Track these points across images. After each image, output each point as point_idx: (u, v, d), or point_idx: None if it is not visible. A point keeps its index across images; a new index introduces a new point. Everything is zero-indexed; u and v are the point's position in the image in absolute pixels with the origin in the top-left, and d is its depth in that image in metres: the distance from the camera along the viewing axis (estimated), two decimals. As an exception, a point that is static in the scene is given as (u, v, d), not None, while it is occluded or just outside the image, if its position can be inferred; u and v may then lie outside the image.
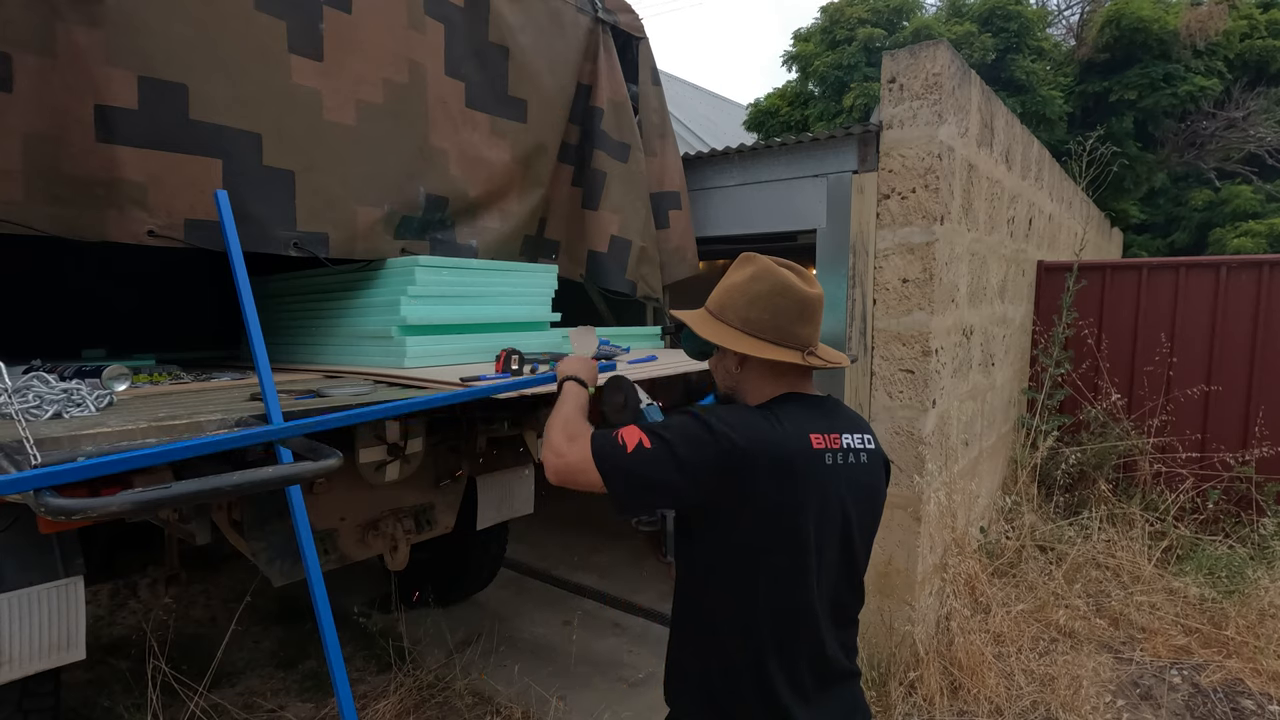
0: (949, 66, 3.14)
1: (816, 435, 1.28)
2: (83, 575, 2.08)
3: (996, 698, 3.04)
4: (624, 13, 3.68)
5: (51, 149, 1.93)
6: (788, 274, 1.34)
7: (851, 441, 1.32)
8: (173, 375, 2.56)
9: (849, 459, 1.30)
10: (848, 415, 1.39)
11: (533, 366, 2.36)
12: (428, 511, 3.06)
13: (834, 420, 1.34)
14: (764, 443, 1.22)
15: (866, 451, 1.34)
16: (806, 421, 1.29)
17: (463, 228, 2.98)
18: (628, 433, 1.26)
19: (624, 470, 1.24)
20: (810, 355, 1.32)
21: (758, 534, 1.24)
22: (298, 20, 2.30)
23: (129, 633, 3.77)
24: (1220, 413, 4.81)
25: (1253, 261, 4.79)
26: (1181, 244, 10.33)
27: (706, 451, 1.21)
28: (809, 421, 1.29)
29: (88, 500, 0.98)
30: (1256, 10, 10.13)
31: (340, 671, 1.74)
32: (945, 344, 3.45)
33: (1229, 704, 3.10)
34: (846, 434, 1.32)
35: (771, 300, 1.32)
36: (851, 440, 1.32)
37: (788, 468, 1.23)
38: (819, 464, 1.26)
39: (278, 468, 1.23)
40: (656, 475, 1.23)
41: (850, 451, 1.31)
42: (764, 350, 1.30)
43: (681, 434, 1.24)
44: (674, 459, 1.22)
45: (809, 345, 1.32)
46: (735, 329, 1.34)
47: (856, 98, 9.55)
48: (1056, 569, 3.98)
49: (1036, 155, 5.23)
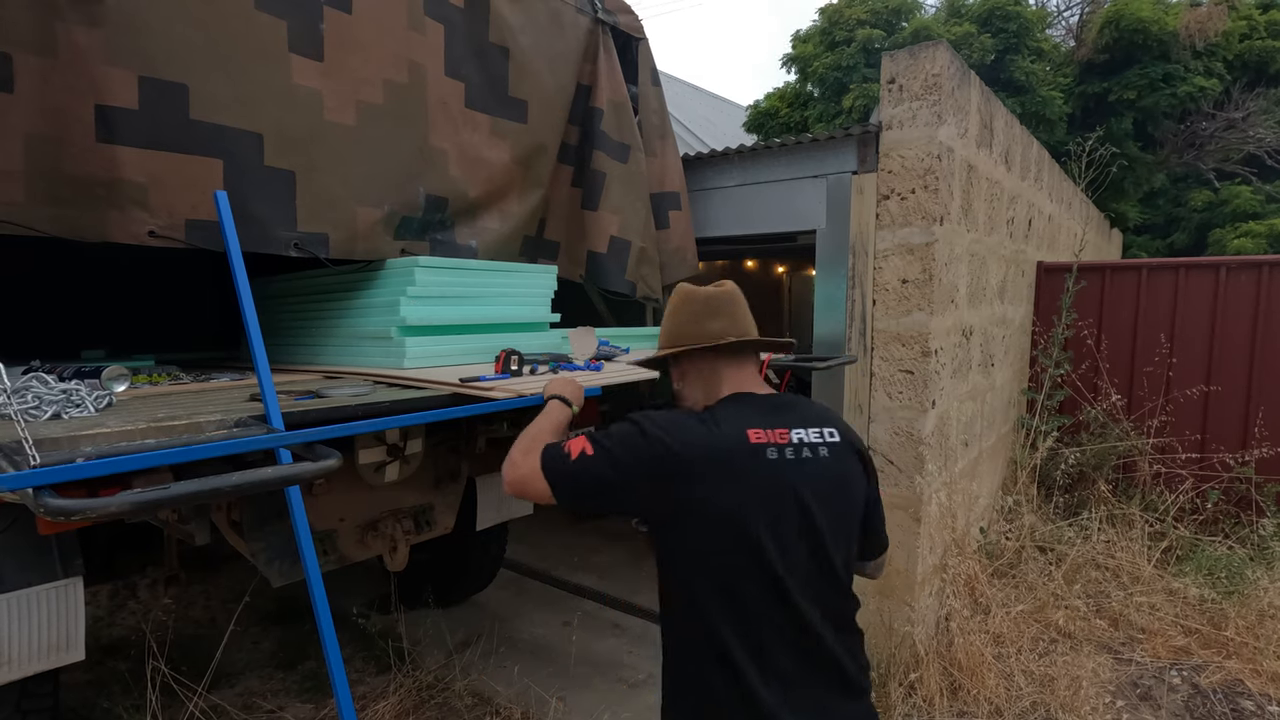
0: (948, 67, 3.15)
1: (755, 431, 1.29)
2: (82, 576, 2.07)
3: (996, 698, 3.04)
4: (624, 13, 3.68)
5: (52, 149, 1.93)
6: (692, 285, 1.49)
7: (805, 436, 1.32)
8: (172, 376, 2.56)
9: (802, 453, 1.30)
10: (804, 411, 1.39)
11: (532, 367, 2.36)
12: (427, 512, 3.06)
13: (783, 416, 1.34)
14: (696, 444, 1.26)
15: (827, 445, 1.34)
16: (744, 419, 1.31)
17: (462, 228, 2.98)
18: (575, 442, 1.33)
19: (568, 477, 1.31)
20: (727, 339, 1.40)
21: (708, 536, 1.26)
22: (298, 20, 2.30)
23: (128, 633, 3.76)
24: (1220, 413, 4.82)
25: (1252, 262, 4.79)
26: (1181, 245, 10.34)
27: (641, 455, 1.27)
28: (747, 419, 1.32)
29: (87, 501, 0.98)
30: (1256, 11, 10.14)
31: (339, 672, 1.74)
32: (945, 344, 3.45)
33: (1228, 705, 3.10)
34: (798, 429, 1.33)
35: (679, 311, 1.46)
36: (805, 435, 1.32)
37: (724, 466, 1.25)
38: (760, 459, 1.27)
39: (277, 468, 1.23)
40: (597, 481, 1.29)
41: (804, 446, 1.31)
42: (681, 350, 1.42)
43: (619, 440, 1.30)
44: (612, 465, 1.28)
45: (725, 336, 1.40)
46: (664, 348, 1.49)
47: (856, 99, 9.56)
48: (1056, 570, 3.98)
49: (1036, 156, 5.24)
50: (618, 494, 1.30)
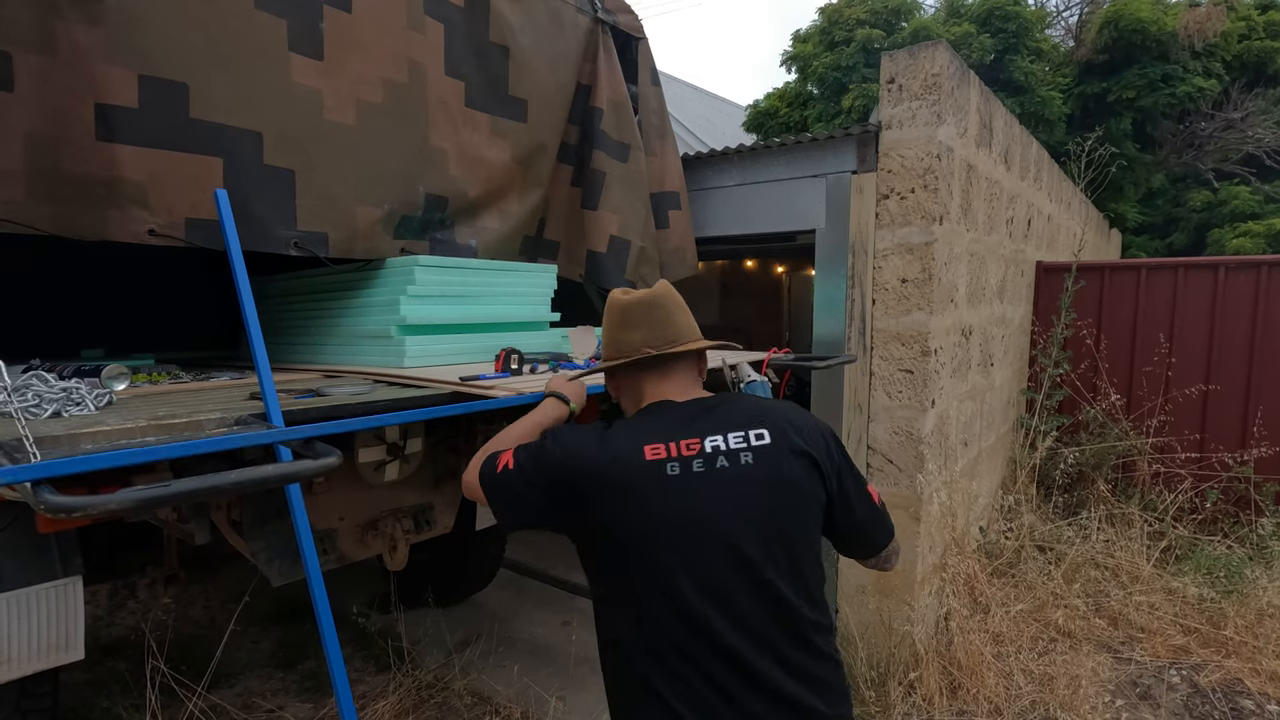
0: (948, 67, 3.15)
1: (654, 446, 1.19)
2: (81, 575, 2.07)
3: (995, 697, 3.04)
4: (623, 13, 3.68)
5: (52, 148, 1.93)
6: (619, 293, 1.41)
7: (722, 443, 1.20)
8: (172, 375, 2.56)
9: (716, 463, 1.18)
10: (728, 413, 1.26)
11: (532, 366, 2.36)
12: (427, 511, 3.06)
13: (699, 423, 1.23)
14: (585, 462, 1.20)
15: (752, 450, 1.20)
16: (644, 433, 1.22)
17: (462, 227, 2.98)
18: (509, 453, 1.31)
19: (493, 487, 1.30)
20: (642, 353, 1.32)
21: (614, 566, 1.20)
22: (298, 19, 2.30)
23: (128, 633, 3.76)
24: (1219, 413, 4.82)
25: (1251, 262, 4.80)
26: (1180, 245, 10.35)
27: (542, 472, 1.24)
28: (648, 432, 1.22)
29: (87, 498, 0.98)
30: (1254, 11, 10.16)
31: (340, 671, 1.74)
32: (944, 344, 3.46)
33: (1228, 704, 3.11)
34: (715, 435, 1.20)
35: (605, 322, 1.41)
36: (723, 441, 1.20)
37: (616, 488, 1.17)
38: (659, 478, 1.16)
39: (277, 465, 1.24)
40: (514, 494, 1.28)
41: (719, 454, 1.19)
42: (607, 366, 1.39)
43: (530, 455, 1.28)
44: (524, 479, 1.26)
45: (645, 346, 1.33)
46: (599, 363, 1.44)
47: (855, 99, 9.57)
48: (1055, 569, 3.98)
49: (1035, 156, 5.24)
50: (531, 511, 1.27)
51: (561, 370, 2.45)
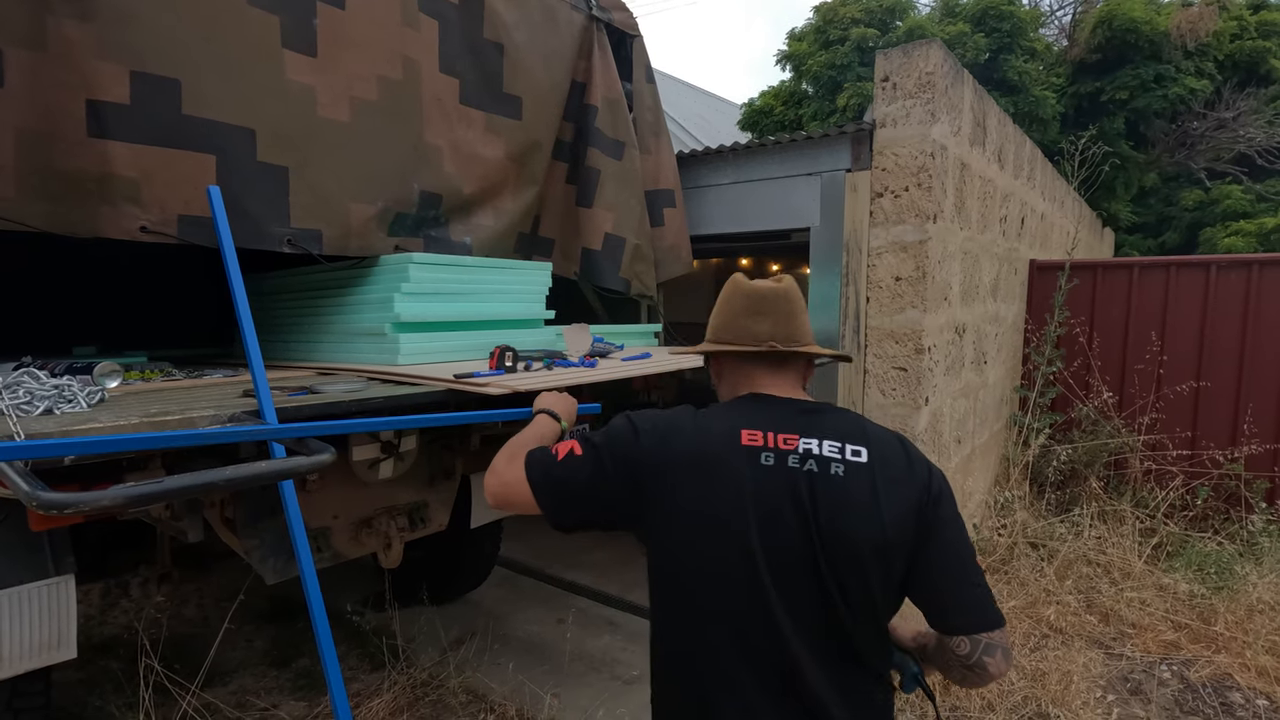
0: (941, 65, 3.16)
1: (751, 431, 1.16)
2: (74, 574, 2.07)
3: (988, 693, 3.06)
4: (618, 10, 3.68)
5: (44, 144, 1.92)
6: (743, 277, 1.34)
7: (820, 448, 1.15)
8: (165, 372, 2.55)
9: (808, 465, 1.14)
10: (831, 421, 1.21)
11: (526, 363, 2.36)
12: (421, 509, 3.05)
13: (799, 421, 1.19)
14: (683, 442, 1.17)
15: (845, 464, 1.15)
16: (743, 418, 1.19)
17: (457, 225, 2.98)
18: (564, 444, 1.23)
19: (553, 482, 1.20)
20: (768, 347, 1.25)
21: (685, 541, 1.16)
22: (291, 16, 2.30)
23: (121, 632, 3.75)
24: (1210, 410, 4.86)
25: (1242, 261, 4.83)
26: (1173, 244, 10.40)
27: (628, 454, 1.18)
28: (747, 418, 1.19)
29: (79, 494, 0.98)
30: (1246, 11, 10.22)
31: (334, 669, 1.74)
32: (938, 342, 3.47)
33: (1218, 699, 3.13)
34: (814, 438, 1.16)
35: (726, 303, 1.32)
36: (822, 447, 1.15)
37: (704, 463, 1.15)
38: (750, 461, 1.14)
39: (271, 462, 1.23)
40: (584, 484, 1.18)
41: (811, 457, 1.14)
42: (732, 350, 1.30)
43: (609, 438, 1.21)
44: (598, 465, 1.18)
45: (769, 340, 1.26)
46: (707, 340, 1.35)
47: (850, 97, 9.58)
48: (1048, 565, 4.00)
49: (1029, 155, 5.26)
50: (603, 499, 1.19)
51: (556, 368, 2.45)
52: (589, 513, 1.22)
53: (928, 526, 1.15)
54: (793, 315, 1.29)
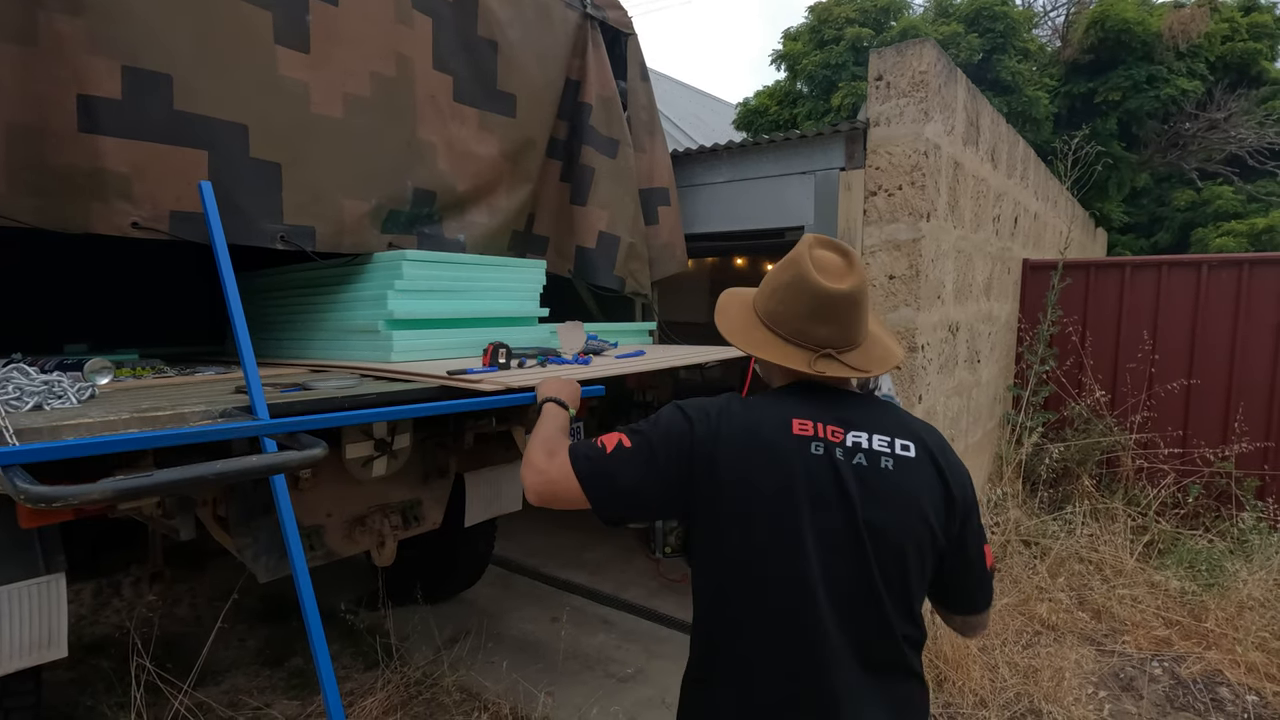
0: (935, 64, 3.17)
1: (802, 421, 1.16)
2: (65, 572, 2.05)
3: (981, 690, 3.07)
4: (612, 9, 3.68)
5: (34, 139, 1.91)
6: (810, 264, 1.20)
7: (865, 441, 1.16)
8: (156, 369, 2.53)
9: (856, 458, 1.14)
10: (877, 415, 1.21)
11: (520, 361, 2.36)
12: (415, 508, 3.04)
13: (851, 414, 1.19)
14: (735, 429, 1.16)
15: (895, 458, 1.16)
16: (794, 407, 1.18)
17: (450, 222, 2.98)
18: (608, 436, 1.20)
19: (604, 474, 1.17)
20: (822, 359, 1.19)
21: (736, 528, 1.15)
22: (283, 12, 2.29)
23: (112, 631, 3.73)
24: (1201, 409, 4.89)
25: (1233, 260, 4.86)
26: (1165, 244, 10.46)
27: (682, 442, 1.16)
28: (797, 407, 1.18)
29: (68, 488, 0.97)
30: (1237, 13, 10.28)
31: (327, 667, 1.74)
32: (931, 340, 3.48)
33: (1208, 694, 3.15)
34: (864, 432, 1.16)
35: (789, 291, 1.21)
36: (866, 440, 1.16)
37: (757, 448, 1.14)
38: (801, 450, 1.14)
39: (261, 456, 1.23)
40: (636, 472, 1.16)
41: (859, 451, 1.15)
42: (768, 351, 1.22)
43: (660, 427, 1.19)
44: (651, 451, 1.16)
45: (828, 346, 1.19)
46: (759, 322, 1.27)
47: (845, 97, 9.60)
48: (1040, 563, 4.02)
49: (1022, 154, 5.28)
50: (654, 489, 1.17)
51: (550, 365, 2.45)
52: (639, 504, 1.21)
53: (961, 533, 1.20)
54: (856, 322, 1.21)
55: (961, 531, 1.20)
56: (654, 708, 3.16)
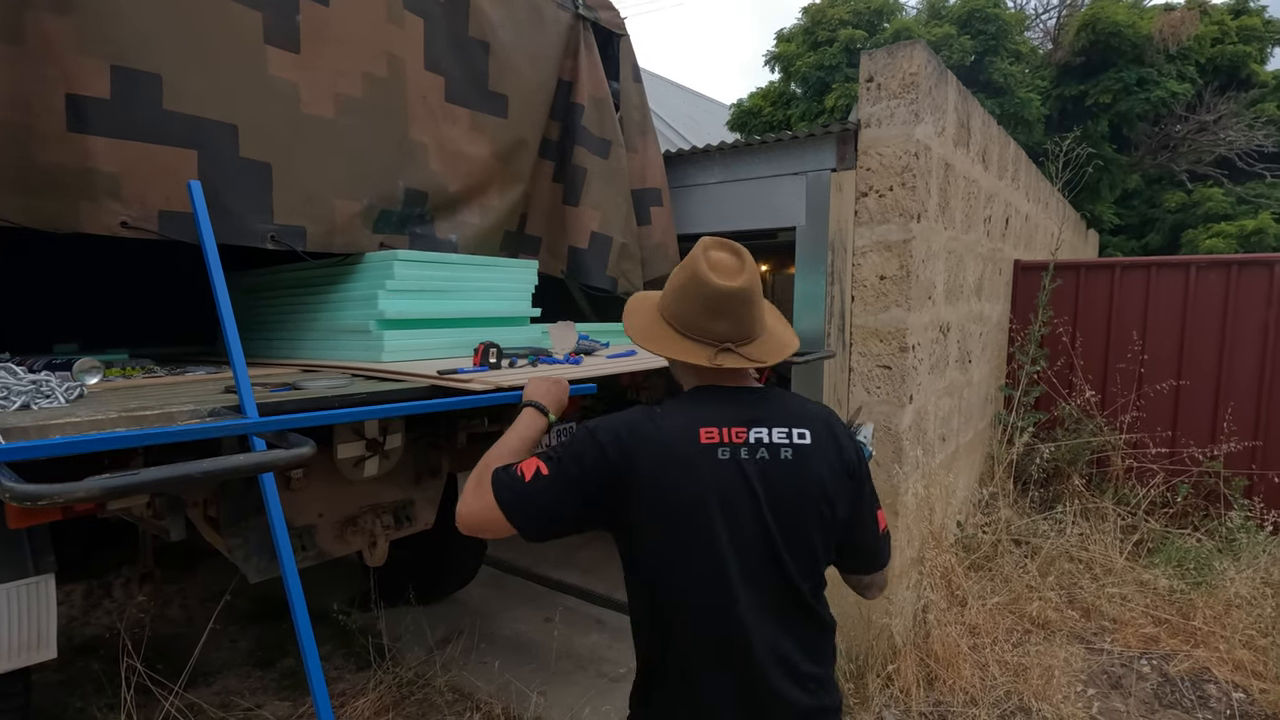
0: (925, 66, 3.19)
1: (708, 429, 1.22)
2: (54, 573, 2.05)
3: (971, 688, 3.08)
4: (605, 9, 3.69)
5: (22, 138, 1.90)
6: (704, 264, 1.27)
7: (766, 436, 1.23)
8: (146, 369, 2.53)
9: (757, 454, 1.22)
10: (775, 409, 1.28)
11: (511, 360, 2.36)
12: (407, 508, 3.04)
13: (747, 413, 1.26)
14: (642, 444, 1.20)
15: (793, 447, 1.24)
16: (699, 415, 1.24)
17: (442, 222, 2.98)
18: (526, 463, 1.24)
19: (524, 502, 1.21)
20: (722, 354, 1.25)
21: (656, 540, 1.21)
22: (273, 12, 2.29)
23: (103, 632, 3.71)
24: (1190, 409, 4.92)
25: (1221, 261, 4.90)
26: (1155, 245, 10.53)
27: (595, 463, 1.20)
28: (703, 415, 1.24)
29: (55, 486, 0.97)
30: (1227, 16, 10.36)
31: (315, 667, 1.74)
32: (922, 340, 3.50)
33: (1195, 692, 3.18)
34: (760, 428, 1.24)
35: (686, 291, 1.28)
36: (766, 434, 1.23)
37: (669, 461, 1.19)
38: (708, 458, 1.20)
39: (249, 455, 1.23)
40: (552, 500, 1.21)
41: (761, 446, 1.22)
42: (671, 348, 1.28)
43: (571, 451, 1.23)
44: (568, 478, 1.21)
45: (726, 340, 1.26)
46: (663, 322, 1.32)
47: (838, 98, 9.64)
48: (1031, 562, 4.04)
49: (1013, 156, 5.31)
50: (574, 512, 1.23)
51: (541, 365, 2.45)
52: (561, 526, 1.25)
53: (857, 503, 1.32)
54: (750, 314, 1.29)
55: (857, 502, 1.32)
56: (646, 707, 3.16)
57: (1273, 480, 4.64)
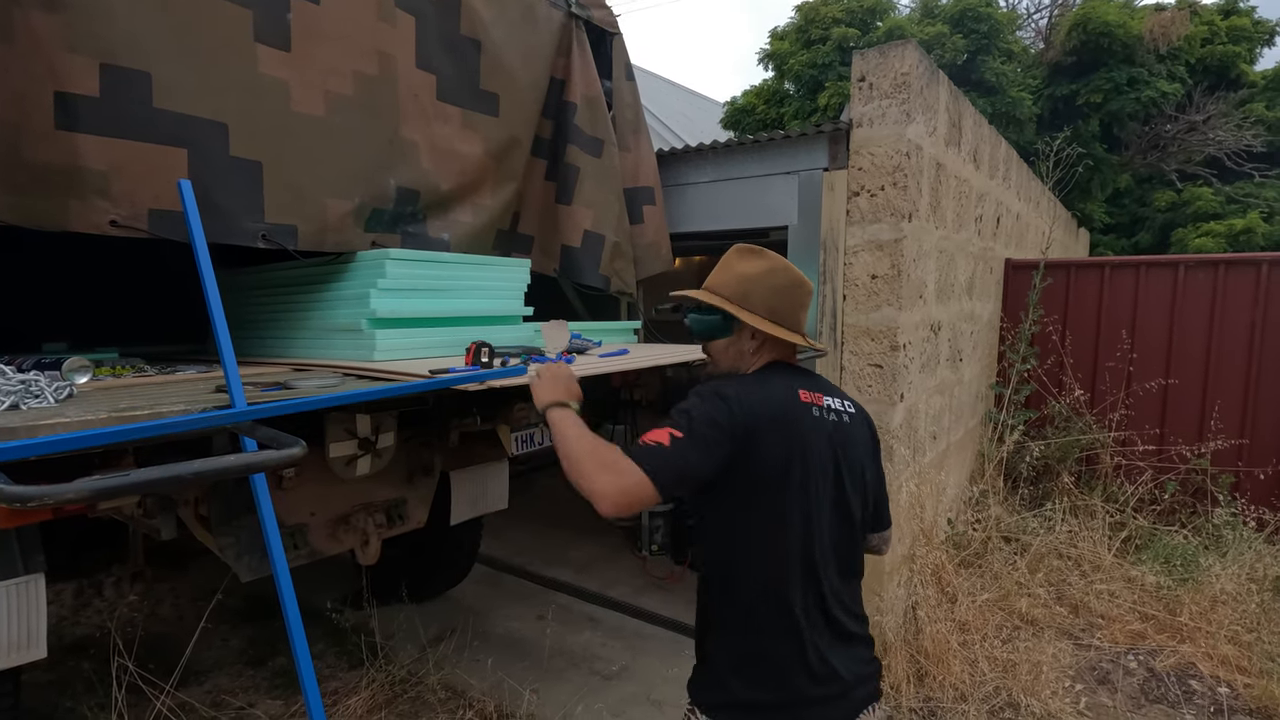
0: (917, 66, 3.20)
1: (804, 392, 1.47)
2: (44, 572, 2.04)
3: (961, 684, 3.11)
4: (597, 8, 3.69)
5: (11, 136, 1.89)
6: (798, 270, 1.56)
7: (833, 404, 1.51)
8: (136, 368, 2.52)
9: (831, 416, 1.49)
10: (828, 384, 1.59)
11: (503, 359, 2.36)
12: (400, 506, 3.05)
13: (817, 384, 1.54)
14: (764, 400, 1.41)
15: (848, 414, 1.53)
16: (794, 382, 1.49)
17: (434, 221, 2.97)
18: (656, 433, 1.34)
19: (670, 465, 1.31)
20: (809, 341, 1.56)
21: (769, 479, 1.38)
22: (264, 10, 2.28)
23: (93, 632, 3.70)
24: (1178, 407, 4.97)
25: (1209, 260, 4.94)
26: (1145, 244, 10.60)
27: (728, 419, 1.35)
28: (796, 382, 1.49)
29: (44, 488, 0.97)
30: (1217, 16, 10.42)
31: (307, 666, 1.74)
32: (913, 339, 3.52)
33: (1180, 687, 3.21)
34: (829, 397, 1.52)
35: (791, 293, 1.53)
36: (833, 402, 1.51)
37: (783, 418, 1.41)
38: (808, 415, 1.45)
39: (239, 455, 1.23)
40: (695, 458, 1.33)
41: (832, 411, 1.49)
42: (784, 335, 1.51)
43: (702, 412, 1.36)
44: (704, 438, 1.33)
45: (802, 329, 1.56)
46: (761, 317, 1.50)
47: (831, 97, 9.66)
48: (1020, 559, 4.08)
49: (1004, 155, 5.34)
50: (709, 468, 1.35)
51: (533, 364, 2.45)
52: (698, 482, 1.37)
53: (879, 466, 1.64)
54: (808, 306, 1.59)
55: (880, 465, 1.64)
56: (639, 704, 3.18)
57: (1258, 477, 4.69)
